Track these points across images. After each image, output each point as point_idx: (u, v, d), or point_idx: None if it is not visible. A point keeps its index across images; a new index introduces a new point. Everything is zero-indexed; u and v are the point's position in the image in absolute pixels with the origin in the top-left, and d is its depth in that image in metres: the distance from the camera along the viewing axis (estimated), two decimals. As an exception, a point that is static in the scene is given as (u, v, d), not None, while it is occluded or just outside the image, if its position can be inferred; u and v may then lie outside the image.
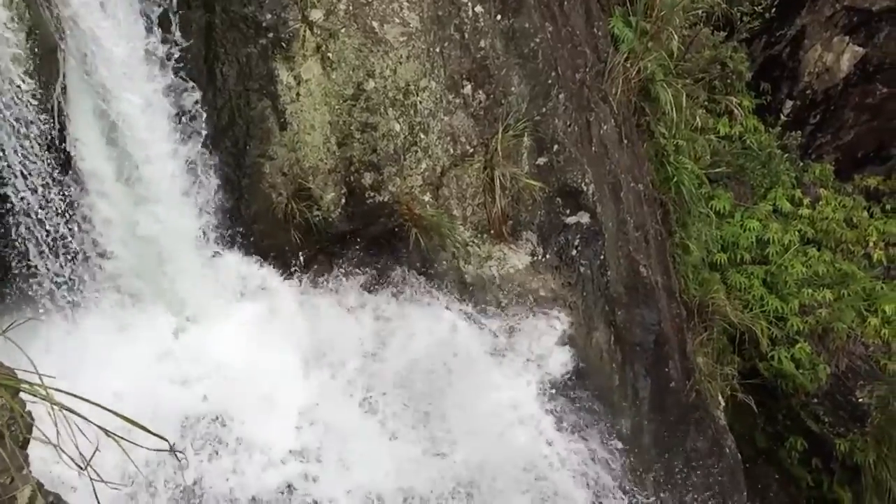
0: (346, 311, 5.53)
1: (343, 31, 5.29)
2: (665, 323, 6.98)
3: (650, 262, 7.02)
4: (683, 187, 7.89)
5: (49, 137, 4.09)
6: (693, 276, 8.23)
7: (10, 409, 2.95)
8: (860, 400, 8.74)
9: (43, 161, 4.10)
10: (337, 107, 5.40)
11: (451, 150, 5.86)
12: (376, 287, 5.68)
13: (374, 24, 5.35)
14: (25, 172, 4.04)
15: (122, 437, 2.92)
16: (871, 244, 9.69)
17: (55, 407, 2.91)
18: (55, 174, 4.21)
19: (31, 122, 3.99)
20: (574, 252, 6.34)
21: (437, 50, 5.64)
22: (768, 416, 8.90)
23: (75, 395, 2.98)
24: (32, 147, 4.03)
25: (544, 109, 6.17)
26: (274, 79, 5.16)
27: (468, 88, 5.88)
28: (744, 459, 7.87)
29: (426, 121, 5.70)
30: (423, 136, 5.70)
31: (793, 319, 8.76)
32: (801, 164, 10.24)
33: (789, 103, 10.24)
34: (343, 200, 5.57)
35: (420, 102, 5.65)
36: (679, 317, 7.45)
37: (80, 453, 3.01)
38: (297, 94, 5.26)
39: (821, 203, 9.87)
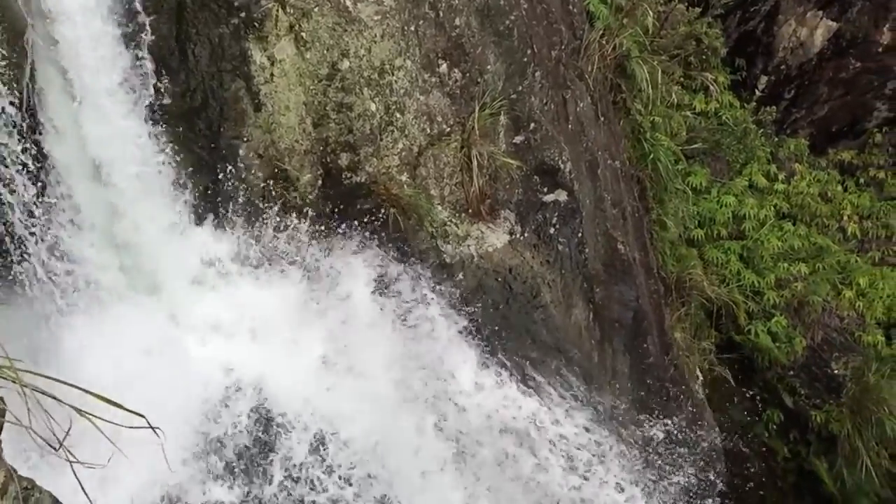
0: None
1: (316, 9, 5.23)
2: (643, 299, 7.03)
3: (628, 238, 7.06)
4: (660, 164, 7.92)
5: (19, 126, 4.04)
6: (670, 252, 8.29)
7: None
8: (835, 371, 8.86)
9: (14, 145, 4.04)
10: (312, 87, 5.35)
11: (428, 130, 5.83)
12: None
13: (348, 2, 5.30)
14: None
15: (96, 416, 2.90)
16: (845, 218, 9.79)
17: (26, 389, 2.88)
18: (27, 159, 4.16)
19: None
20: (552, 230, 6.36)
21: (412, 28, 5.60)
22: (745, 390, 9.00)
23: (45, 376, 2.95)
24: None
25: (520, 87, 6.15)
26: (247, 59, 5.10)
27: (444, 67, 5.84)
28: (722, 432, 7.97)
29: (402, 100, 5.67)
30: (399, 115, 5.67)
31: (769, 293, 8.85)
32: (776, 139, 10.30)
33: (764, 79, 10.28)
34: (320, 181, 5.53)
35: (395, 82, 5.61)
36: (657, 293, 7.50)
37: (54, 434, 2.98)
38: (271, 75, 5.20)
39: (796, 178, 9.94)
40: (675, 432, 7.15)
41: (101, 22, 4.28)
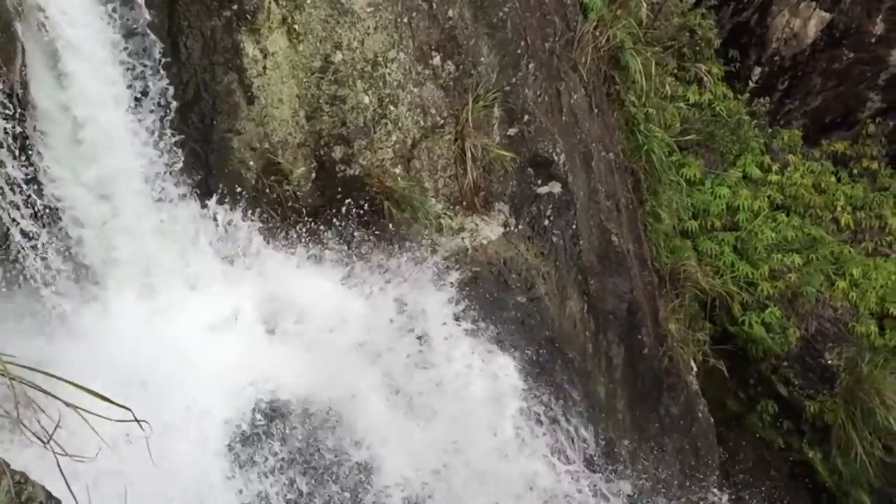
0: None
1: (309, 1, 5.20)
2: (637, 291, 7.04)
3: (622, 230, 7.06)
4: (654, 155, 7.92)
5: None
6: (664, 243, 8.30)
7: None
8: (829, 362, 8.90)
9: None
10: (305, 80, 5.34)
11: (422, 122, 5.82)
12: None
13: (341, -6, 5.28)
14: None
15: (84, 409, 2.90)
16: (838, 208, 9.82)
17: (13, 381, 2.87)
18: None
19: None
20: (546, 222, 6.36)
21: (405, 20, 5.58)
22: (740, 381, 9.04)
23: (33, 369, 2.94)
24: None
25: (514, 79, 6.14)
26: (240, 52, 5.08)
27: (437, 59, 5.83)
28: (716, 423, 8.01)
29: (395, 93, 5.65)
30: (392, 108, 5.65)
31: (763, 284, 8.88)
32: (770, 130, 10.32)
33: (758, 70, 10.29)
34: (313, 174, 5.52)
35: (389, 74, 5.59)
36: (651, 284, 7.52)
37: (43, 427, 2.98)
38: (264, 68, 5.18)
39: (789, 169, 9.97)
40: (669, 423, 7.17)
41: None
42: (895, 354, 8.98)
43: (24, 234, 4.23)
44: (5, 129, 3.92)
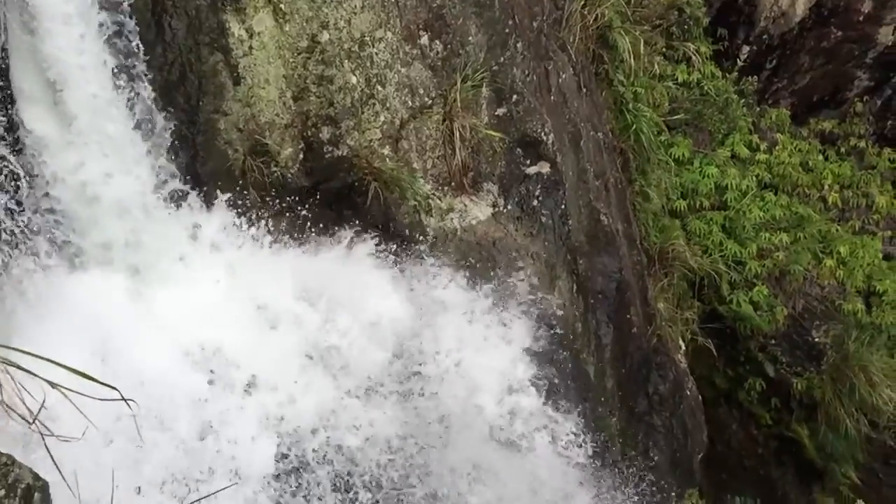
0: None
1: (295, -20, 5.16)
2: (626, 270, 7.05)
3: (611, 210, 7.07)
4: (642, 135, 7.92)
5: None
6: (653, 223, 8.32)
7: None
8: (816, 340, 8.97)
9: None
10: (291, 60, 5.30)
11: (410, 103, 5.80)
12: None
13: (327, -27, 5.23)
14: None
15: (70, 390, 2.89)
16: (826, 187, 9.86)
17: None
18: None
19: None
20: (535, 202, 6.35)
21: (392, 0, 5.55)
22: (728, 359, 9.10)
23: (17, 349, 2.93)
24: None
25: (502, 59, 6.11)
26: (225, 32, 5.03)
27: (425, 39, 5.80)
28: (704, 401, 8.06)
29: (383, 73, 5.62)
30: (380, 88, 5.62)
31: (751, 263, 8.92)
32: (758, 109, 10.32)
33: (746, 48, 10.27)
34: (301, 156, 5.49)
35: (376, 54, 5.56)
36: (640, 264, 7.53)
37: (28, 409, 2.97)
38: (250, 48, 5.14)
39: (777, 148, 9.98)
40: (658, 402, 7.21)
41: None
42: (882, 332, 9.06)
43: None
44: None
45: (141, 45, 4.57)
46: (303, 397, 4.97)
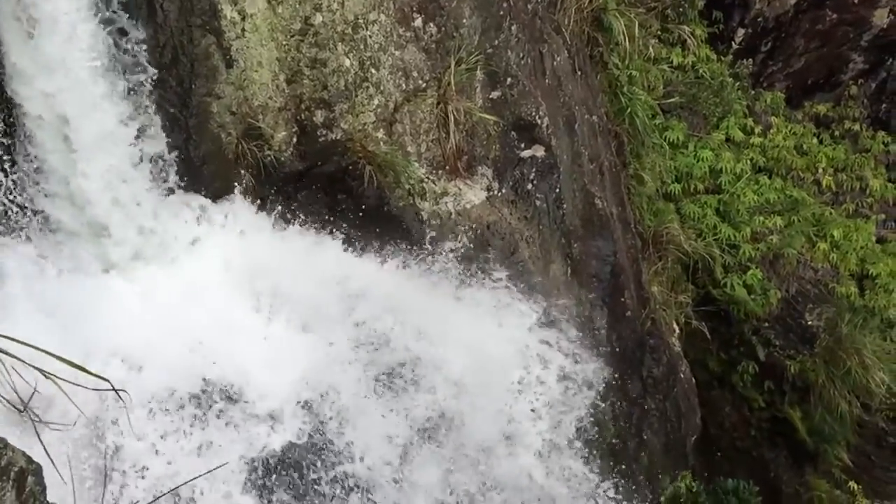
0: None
1: (287, -38, 5.12)
2: (620, 254, 7.06)
3: (605, 193, 7.06)
4: (637, 118, 7.90)
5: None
6: (648, 206, 8.31)
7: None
8: (809, 323, 8.99)
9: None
10: (284, 42, 5.27)
11: (404, 86, 5.77)
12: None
13: (320, -46, 5.19)
14: None
15: (62, 379, 2.89)
16: (820, 170, 9.86)
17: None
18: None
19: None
20: (530, 186, 6.35)
21: (386, -19, 5.51)
22: (721, 342, 9.12)
23: (9, 338, 2.92)
24: None
25: (496, 42, 6.08)
26: (217, 14, 4.99)
27: (419, 21, 5.76)
28: (698, 384, 8.09)
29: (377, 55, 5.59)
30: (374, 71, 5.59)
31: (745, 246, 8.93)
32: (753, 92, 10.30)
33: (741, 31, 10.23)
34: (295, 139, 5.47)
35: (370, 37, 5.53)
36: (634, 247, 7.54)
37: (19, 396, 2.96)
38: (243, 30, 5.10)
39: (772, 131, 9.97)
40: (652, 385, 7.24)
41: None
42: (874, 315, 9.09)
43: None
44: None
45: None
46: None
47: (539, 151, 6.37)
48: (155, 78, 4.71)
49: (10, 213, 4.45)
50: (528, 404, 5.63)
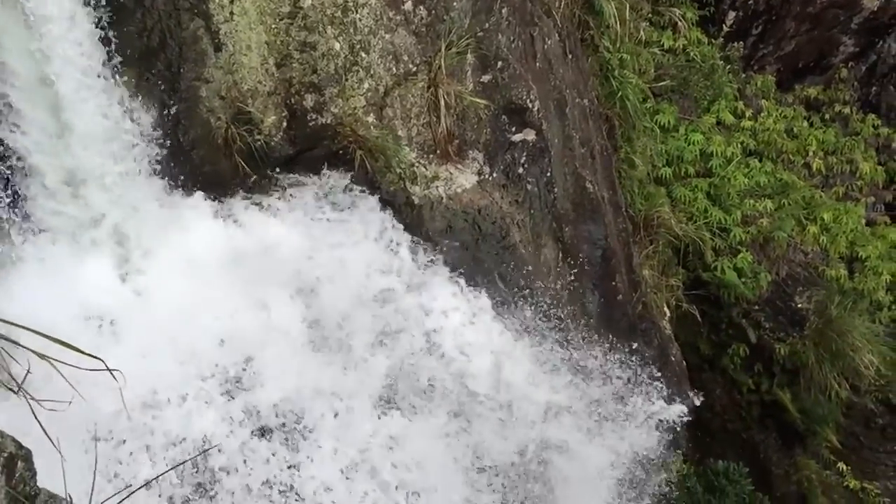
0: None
1: (275, -55, 5.07)
2: (611, 238, 7.07)
3: (596, 177, 7.06)
4: (628, 102, 7.89)
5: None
6: (639, 190, 8.32)
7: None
8: (799, 305, 9.05)
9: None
10: (273, 26, 5.22)
11: (394, 69, 5.73)
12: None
13: (308, -63, 5.14)
14: None
15: (55, 359, 2.88)
16: (810, 154, 9.89)
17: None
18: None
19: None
20: (521, 170, 6.33)
21: (375, -36, 5.46)
22: (712, 325, 9.17)
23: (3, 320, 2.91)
24: None
25: (487, 25, 6.05)
26: (205, -3, 4.95)
27: (409, 4, 5.72)
28: (688, 367, 8.13)
29: (367, 39, 5.55)
30: (364, 55, 5.56)
31: (735, 230, 8.96)
32: (744, 75, 10.31)
33: (732, 14, 10.23)
34: (285, 123, 5.44)
35: (359, 20, 5.48)
36: (625, 231, 7.55)
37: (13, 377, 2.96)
38: (231, 13, 5.05)
39: (762, 114, 9.99)
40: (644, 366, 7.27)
41: None
42: (864, 297, 9.15)
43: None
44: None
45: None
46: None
47: (530, 135, 6.35)
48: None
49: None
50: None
